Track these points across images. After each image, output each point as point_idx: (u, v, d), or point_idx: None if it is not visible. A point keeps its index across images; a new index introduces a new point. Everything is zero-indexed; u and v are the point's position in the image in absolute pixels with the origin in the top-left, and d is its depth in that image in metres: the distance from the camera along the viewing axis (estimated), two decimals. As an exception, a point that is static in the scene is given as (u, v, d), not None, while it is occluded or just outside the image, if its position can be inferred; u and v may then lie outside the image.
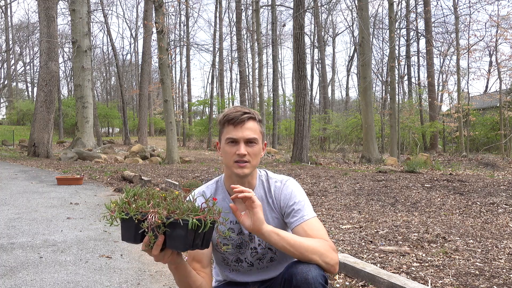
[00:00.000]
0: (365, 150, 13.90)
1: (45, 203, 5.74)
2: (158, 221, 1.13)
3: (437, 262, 2.91)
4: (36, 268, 2.97)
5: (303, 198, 1.50)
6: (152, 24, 20.19)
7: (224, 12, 34.31)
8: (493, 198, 5.58)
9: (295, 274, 1.27)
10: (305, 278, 1.25)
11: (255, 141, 1.45)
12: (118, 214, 1.18)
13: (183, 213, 1.15)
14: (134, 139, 28.54)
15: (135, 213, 1.16)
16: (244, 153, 1.42)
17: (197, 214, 1.16)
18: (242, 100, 23.61)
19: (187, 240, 1.14)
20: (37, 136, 15.05)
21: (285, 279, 1.31)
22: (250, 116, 1.46)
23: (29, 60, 47.14)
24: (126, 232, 1.19)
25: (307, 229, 1.40)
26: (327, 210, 5.10)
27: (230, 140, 1.44)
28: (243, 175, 1.45)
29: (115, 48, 30.68)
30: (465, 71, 21.55)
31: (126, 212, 1.18)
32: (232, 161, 1.44)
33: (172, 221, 1.14)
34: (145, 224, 1.15)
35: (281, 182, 1.54)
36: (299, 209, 1.45)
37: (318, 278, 1.25)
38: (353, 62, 35.76)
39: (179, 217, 1.13)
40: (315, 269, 1.27)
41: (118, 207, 1.20)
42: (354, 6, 27.95)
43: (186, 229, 1.13)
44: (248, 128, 1.44)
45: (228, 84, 43.19)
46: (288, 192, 1.50)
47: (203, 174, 9.19)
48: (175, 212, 1.16)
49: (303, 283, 1.24)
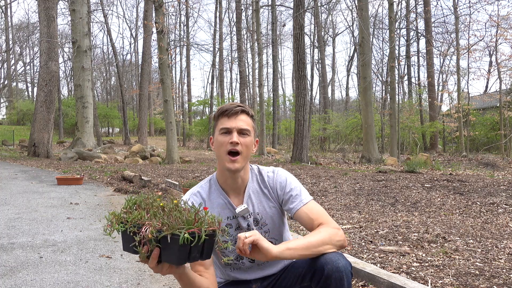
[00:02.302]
0: (365, 150, 13.90)
1: (45, 203, 5.74)
2: (149, 235, 1.10)
3: (437, 262, 2.91)
4: (36, 268, 2.97)
5: (298, 184, 1.56)
6: (152, 24, 20.20)
7: (224, 12, 34.35)
8: (493, 198, 5.58)
9: (326, 264, 1.32)
10: (336, 267, 1.31)
11: (247, 133, 1.50)
12: (115, 226, 1.16)
13: (174, 228, 1.10)
14: (134, 139, 28.55)
15: (131, 225, 1.14)
16: (237, 141, 1.46)
17: (190, 227, 1.12)
18: (242, 100, 23.61)
19: (181, 255, 1.11)
20: (37, 136, 15.05)
21: (314, 270, 1.35)
22: (243, 109, 1.52)
23: (29, 60, 47.18)
24: (126, 243, 1.18)
25: (308, 212, 1.48)
26: (327, 210, 5.09)
27: (224, 131, 1.49)
28: (234, 169, 1.48)
29: (115, 48, 30.69)
30: (465, 71, 21.57)
31: (124, 223, 1.16)
32: (224, 151, 1.48)
33: (163, 235, 1.10)
34: (137, 238, 1.12)
35: (273, 172, 1.60)
36: (296, 195, 1.52)
37: (347, 267, 1.33)
38: (353, 62, 35.76)
39: (169, 232, 1.09)
40: (343, 258, 1.34)
41: (116, 217, 1.18)
42: (354, 6, 27.95)
43: (178, 243, 1.09)
44: (241, 120, 1.50)
45: (228, 84, 43.25)
46: (282, 180, 1.56)
47: (203, 174, 9.19)
48: (166, 226, 1.11)
49: (334, 272, 1.30)
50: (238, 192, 1.56)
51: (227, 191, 1.57)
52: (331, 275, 1.30)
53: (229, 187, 1.56)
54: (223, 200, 1.56)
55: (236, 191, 1.56)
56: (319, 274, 1.33)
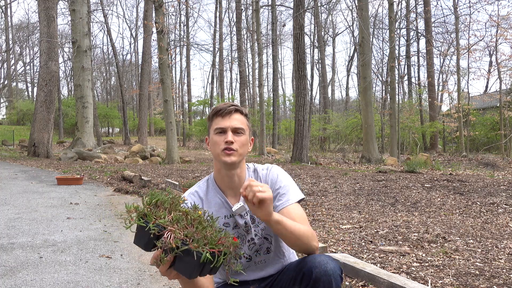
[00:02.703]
0: (365, 150, 13.90)
1: (45, 203, 5.74)
2: (172, 244, 1.10)
3: (437, 262, 2.91)
4: (36, 268, 2.97)
5: (288, 183, 1.56)
6: (152, 24, 20.19)
7: (224, 12, 34.38)
8: (493, 198, 5.58)
9: (314, 267, 1.31)
10: (324, 270, 1.30)
11: (242, 131, 1.52)
12: (136, 220, 1.15)
13: (199, 244, 1.10)
14: (134, 139, 28.55)
15: (153, 226, 1.12)
16: (231, 140, 1.48)
17: (212, 246, 1.11)
18: (242, 100, 23.61)
19: (194, 270, 1.12)
20: (37, 136, 15.05)
21: (303, 273, 1.35)
22: (236, 109, 1.53)
23: (29, 60, 47.18)
24: (140, 239, 1.16)
25: (291, 211, 1.48)
26: (327, 210, 5.09)
27: (219, 131, 1.51)
28: (230, 162, 1.48)
29: (115, 48, 30.69)
30: (465, 71, 21.58)
31: (145, 219, 1.14)
32: (220, 149, 1.49)
33: (187, 249, 1.09)
34: (158, 243, 1.12)
35: (267, 169, 1.62)
36: (284, 193, 1.53)
37: (336, 270, 1.32)
38: (353, 62, 35.76)
39: (195, 249, 1.09)
40: (331, 261, 1.33)
41: (138, 212, 1.16)
42: (354, 6, 27.93)
43: (198, 260, 1.09)
44: (235, 119, 1.52)
45: (228, 84, 43.25)
46: (274, 176, 1.58)
47: (203, 174, 9.19)
48: (191, 239, 1.11)
49: (323, 275, 1.29)
50: (235, 191, 1.57)
51: (224, 191, 1.58)
52: (320, 278, 1.29)
53: (226, 186, 1.57)
54: (220, 200, 1.57)
55: (233, 190, 1.57)
56: (307, 278, 1.33)
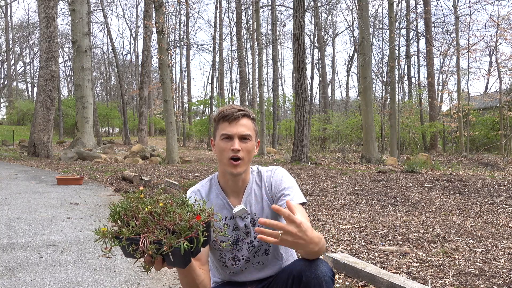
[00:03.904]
0: (365, 150, 13.90)
1: (45, 203, 5.74)
2: (149, 252, 1.09)
3: (437, 262, 2.91)
4: (36, 268, 2.97)
5: (292, 184, 1.55)
6: (152, 24, 20.17)
7: (224, 12, 34.32)
8: (493, 198, 5.58)
9: (304, 271, 1.30)
10: (314, 274, 1.28)
11: (249, 138, 1.50)
12: (110, 243, 1.14)
13: (172, 240, 1.08)
14: (134, 139, 28.53)
15: (125, 241, 1.11)
16: (238, 148, 1.46)
17: (187, 233, 1.09)
18: (242, 100, 23.63)
19: (185, 259, 1.12)
20: (37, 136, 15.04)
21: (293, 276, 1.33)
22: (244, 113, 1.50)
23: (29, 60, 47.09)
24: (127, 253, 1.15)
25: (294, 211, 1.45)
26: (327, 210, 5.09)
27: (225, 136, 1.48)
28: (236, 173, 1.49)
29: (115, 48, 30.67)
30: (465, 71, 21.54)
31: (120, 237, 1.13)
32: (226, 157, 1.48)
33: (163, 251, 1.09)
34: (137, 255, 1.10)
35: (271, 171, 1.61)
36: (288, 194, 1.51)
37: (326, 272, 1.29)
38: (353, 62, 35.72)
39: (168, 249, 1.08)
40: (322, 264, 1.31)
41: (110, 233, 1.14)
42: (354, 6, 27.91)
43: (179, 252, 1.08)
44: (243, 125, 1.49)
45: (228, 84, 43.17)
46: (278, 178, 1.56)
47: (203, 174, 9.19)
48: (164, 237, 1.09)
49: (313, 279, 1.28)
50: (238, 193, 1.57)
51: (227, 192, 1.58)
52: (310, 282, 1.28)
53: (230, 188, 1.57)
54: (222, 201, 1.57)
55: (236, 192, 1.57)
56: (297, 281, 1.31)
